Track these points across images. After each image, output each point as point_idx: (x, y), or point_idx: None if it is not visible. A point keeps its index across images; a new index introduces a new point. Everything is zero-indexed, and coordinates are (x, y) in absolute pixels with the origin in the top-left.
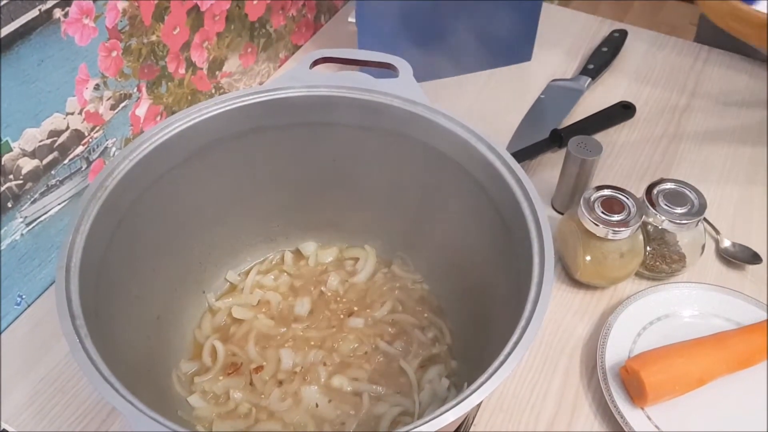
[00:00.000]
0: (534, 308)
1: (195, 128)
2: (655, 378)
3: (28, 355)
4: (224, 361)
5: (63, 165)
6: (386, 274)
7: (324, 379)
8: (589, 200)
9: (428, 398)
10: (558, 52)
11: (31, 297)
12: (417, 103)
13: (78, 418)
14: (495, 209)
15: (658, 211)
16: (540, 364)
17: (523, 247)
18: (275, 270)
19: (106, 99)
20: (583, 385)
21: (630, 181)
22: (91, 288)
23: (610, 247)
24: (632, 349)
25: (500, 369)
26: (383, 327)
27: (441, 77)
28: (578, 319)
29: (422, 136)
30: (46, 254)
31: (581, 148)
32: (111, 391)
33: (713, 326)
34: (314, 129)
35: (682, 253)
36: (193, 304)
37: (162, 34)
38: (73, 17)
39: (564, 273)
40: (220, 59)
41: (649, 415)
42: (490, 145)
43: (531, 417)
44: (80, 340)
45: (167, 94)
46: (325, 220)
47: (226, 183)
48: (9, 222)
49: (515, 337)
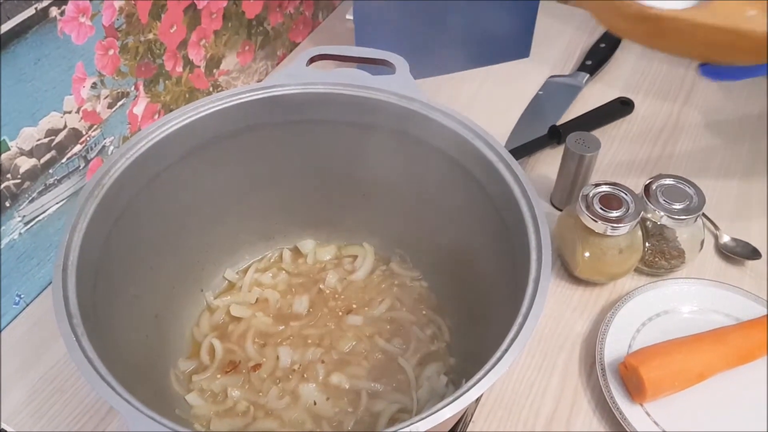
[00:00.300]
0: (531, 305)
1: (192, 126)
2: (654, 374)
3: (26, 354)
4: (222, 359)
5: (61, 164)
6: (384, 272)
7: (322, 376)
8: (587, 196)
9: (426, 395)
10: (556, 49)
11: (29, 296)
12: (414, 99)
13: (76, 417)
14: (493, 206)
15: (657, 207)
16: (539, 360)
17: (521, 244)
18: (273, 268)
19: (104, 97)
20: (582, 382)
21: (629, 177)
22: (88, 287)
23: (608, 243)
24: (631, 345)
25: (497, 365)
26: (382, 324)
27: (439, 74)
28: (577, 315)
29: (419, 133)
30: (44, 253)
31: (579, 144)
32: (108, 390)
33: (712, 322)
34: (311, 126)
35: (681, 249)
36: (192, 303)
37: (159, 32)
38: (70, 16)
39: (563, 269)
40: (218, 57)
41: (648, 412)
42: (488, 142)
43: (530, 413)
44: (77, 339)
45: (165, 92)
46: (323, 218)
47: (223, 181)
48: (7, 221)
49: (512, 334)
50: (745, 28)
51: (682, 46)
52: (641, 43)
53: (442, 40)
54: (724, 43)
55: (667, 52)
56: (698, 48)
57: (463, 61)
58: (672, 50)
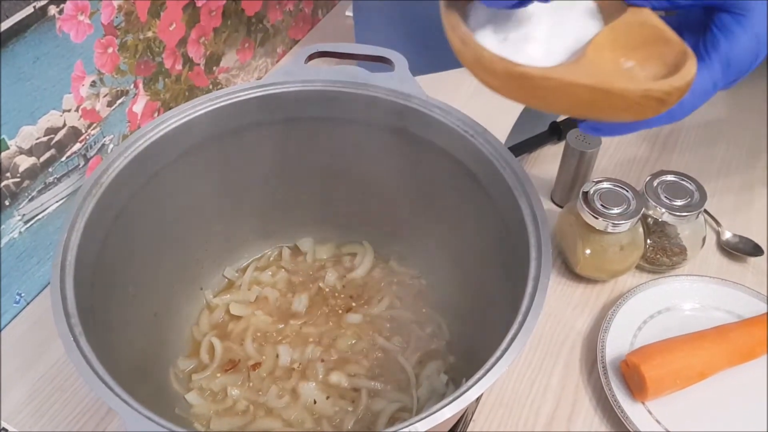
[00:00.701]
0: (531, 304)
1: (190, 124)
2: (655, 372)
3: (27, 353)
4: (222, 358)
5: (60, 162)
6: (384, 270)
7: (322, 375)
8: (588, 193)
9: (426, 394)
10: None
11: (30, 295)
12: (412, 96)
13: (77, 416)
14: (492, 204)
15: (658, 203)
16: (540, 358)
17: (521, 242)
18: (273, 266)
19: (103, 96)
20: (583, 380)
21: (630, 173)
22: (86, 286)
23: (609, 240)
24: (633, 342)
25: (497, 365)
26: (381, 323)
27: (439, 70)
28: (578, 312)
29: (418, 130)
30: (44, 252)
31: (580, 141)
32: (106, 390)
33: (714, 319)
34: (310, 124)
35: (683, 246)
36: (191, 301)
37: (158, 30)
38: (68, 14)
39: (564, 266)
40: (218, 55)
41: (650, 410)
42: (487, 140)
43: (531, 412)
44: (75, 339)
45: (164, 90)
46: (322, 216)
47: (222, 179)
48: (7, 220)
49: (512, 333)
50: (618, 87)
51: (558, 105)
52: (518, 101)
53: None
54: (600, 102)
55: (545, 110)
56: (576, 107)
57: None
58: (550, 108)
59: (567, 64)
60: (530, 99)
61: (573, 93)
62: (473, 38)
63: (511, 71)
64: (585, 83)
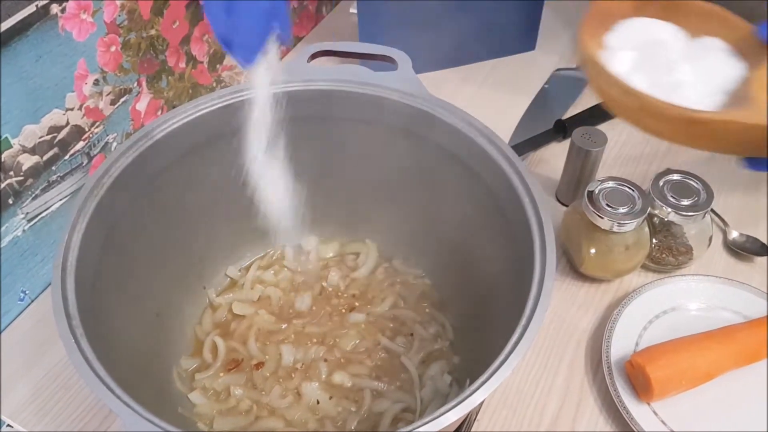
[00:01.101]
0: (535, 305)
1: (192, 124)
2: (661, 373)
3: (31, 351)
4: (225, 357)
5: (64, 161)
6: (387, 269)
7: (325, 375)
8: (593, 192)
9: (430, 394)
10: (562, 41)
11: (34, 293)
12: (416, 95)
13: (80, 415)
14: (496, 203)
15: (664, 203)
16: (544, 358)
17: (525, 243)
18: (276, 265)
19: (106, 94)
20: (587, 380)
21: (635, 172)
22: (88, 286)
23: (615, 239)
24: (638, 343)
25: (501, 368)
26: (384, 322)
27: (444, 68)
28: (583, 312)
29: (421, 129)
30: (48, 250)
31: (586, 139)
32: (107, 392)
33: (721, 319)
34: (313, 123)
35: (689, 245)
36: (194, 300)
37: (161, 28)
38: (71, 12)
39: (569, 266)
40: (221, 52)
41: (655, 411)
42: (491, 139)
43: (535, 412)
44: (76, 340)
45: (168, 88)
46: (325, 215)
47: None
48: (10, 218)
49: (516, 335)
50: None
51: (726, 145)
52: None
53: (447, 33)
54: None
55: (707, 150)
56: (745, 147)
57: (469, 54)
58: (713, 148)
59: (741, 108)
60: (697, 141)
61: (748, 134)
62: (631, 86)
63: (686, 117)
64: (762, 124)
